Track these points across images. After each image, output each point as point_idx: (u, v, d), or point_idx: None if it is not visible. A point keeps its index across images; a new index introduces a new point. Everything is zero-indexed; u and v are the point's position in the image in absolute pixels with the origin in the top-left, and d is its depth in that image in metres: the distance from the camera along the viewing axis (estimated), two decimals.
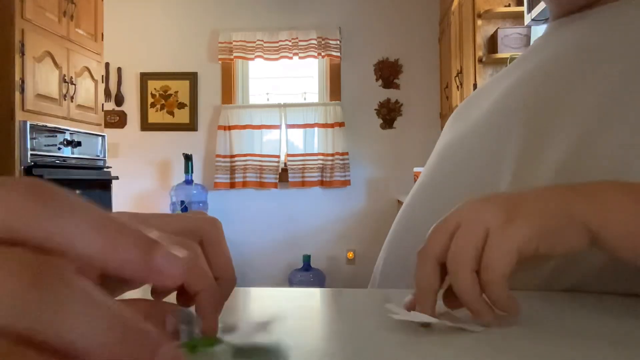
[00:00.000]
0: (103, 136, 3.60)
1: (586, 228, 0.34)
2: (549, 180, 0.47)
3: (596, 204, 0.35)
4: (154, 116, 4.45)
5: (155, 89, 4.44)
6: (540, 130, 0.50)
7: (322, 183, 4.29)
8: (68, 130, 3.18)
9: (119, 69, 4.47)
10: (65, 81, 3.22)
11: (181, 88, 4.43)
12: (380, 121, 4.35)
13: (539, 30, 2.72)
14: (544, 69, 0.56)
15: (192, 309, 0.31)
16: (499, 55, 2.92)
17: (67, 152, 3.16)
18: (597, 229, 0.34)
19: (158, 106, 4.45)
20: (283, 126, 4.35)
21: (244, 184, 4.31)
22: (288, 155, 4.34)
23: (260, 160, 4.32)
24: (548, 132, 0.49)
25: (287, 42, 4.28)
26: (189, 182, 4.13)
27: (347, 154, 4.27)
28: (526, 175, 0.49)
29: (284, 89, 4.55)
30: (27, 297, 0.13)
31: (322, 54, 4.27)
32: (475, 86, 3.10)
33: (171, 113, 4.45)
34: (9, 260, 0.14)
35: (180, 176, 4.25)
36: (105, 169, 3.57)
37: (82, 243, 0.16)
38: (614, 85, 0.48)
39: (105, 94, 4.17)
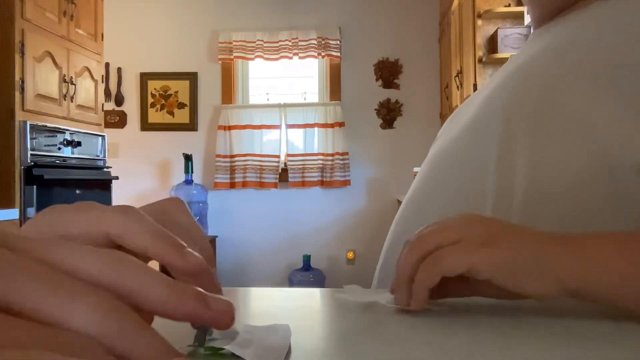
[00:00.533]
0: (103, 136, 3.60)
1: (558, 280, 0.35)
2: (523, 188, 0.48)
3: (576, 258, 0.36)
4: (154, 116, 4.46)
5: (155, 89, 4.45)
6: (513, 134, 0.51)
7: (322, 183, 4.29)
8: (68, 130, 3.18)
9: (119, 69, 4.47)
10: (65, 81, 3.22)
11: (181, 88, 4.44)
12: (380, 121, 4.36)
13: None
14: (521, 69, 0.57)
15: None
16: (499, 55, 2.92)
17: (67, 152, 3.16)
18: (576, 284, 0.35)
19: (158, 106, 4.45)
20: (283, 126, 4.36)
21: (244, 184, 4.31)
22: (288, 155, 4.34)
23: (260, 160, 4.32)
24: (519, 136, 0.50)
25: (287, 42, 4.28)
26: (189, 182, 4.13)
27: (347, 154, 4.27)
28: (505, 182, 0.50)
29: (284, 89, 4.56)
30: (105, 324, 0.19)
31: (322, 54, 4.27)
32: (475, 86, 3.10)
33: (171, 113, 4.45)
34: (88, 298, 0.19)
35: (180, 176, 4.25)
36: (105, 169, 3.57)
37: (139, 243, 0.24)
38: (586, 84, 0.48)
39: (105, 94, 4.17)
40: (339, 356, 0.31)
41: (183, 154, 4.19)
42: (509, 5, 3.02)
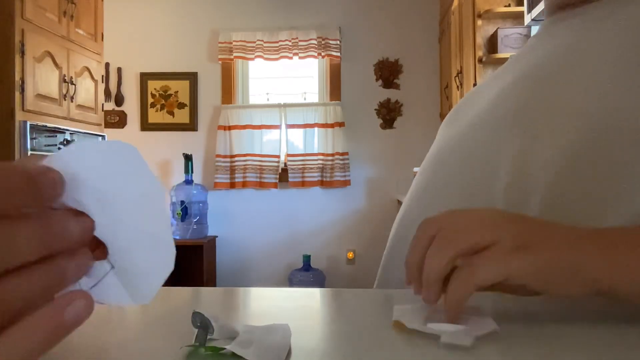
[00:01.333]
0: (103, 136, 3.60)
1: (593, 281, 0.34)
2: (543, 187, 0.46)
3: (610, 258, 0.34)
4: (154, 116, 4.45)
5: (155, 89, 4.44)
6: (531, 135, 0.50)
7: (322, 183, 4.29)
8: (68, 130, 3.18)
9: (119, 69, 4.47)
10: (65, 81, 3.22)
11: (181, 88, 4.43)
12: (380, 121, 4.36)
13: None
14: (534, 71, 0.55)
15: (208, 313, 0.31)
16: (499, 55, 2.92)
17: None
18: (609, 285, 0.34)
19: (158, 106, 4.45)
20: (283, 126, 4.35)
21: (244, 184, 4.31)
22: (288, 155, 4.34)
23: (260, 160, 4.32)
24: (539, 136, 0.49)
25: (287, 42, 4.28)
26: (189, 182, 4.13)
27: (347, 154, 4.27)
28: (522, 180, 0.48)
29: (284, 89, 4.56)
30: None
31: (322, 54, 4.27)
32: (475, 86, 3.10)
33: (171, 113, 4.45)
34: None
35: (180, 176, 4.25)
36: None
37: None
38: (605, 87, 0.47)
39: (105, 94, 4.17)
40: (338, 356, 0.31)
41: (183, 154, 4.19)
42: (509, 5, 3.02)
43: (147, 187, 0.24)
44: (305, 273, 4.15)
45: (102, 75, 3.75)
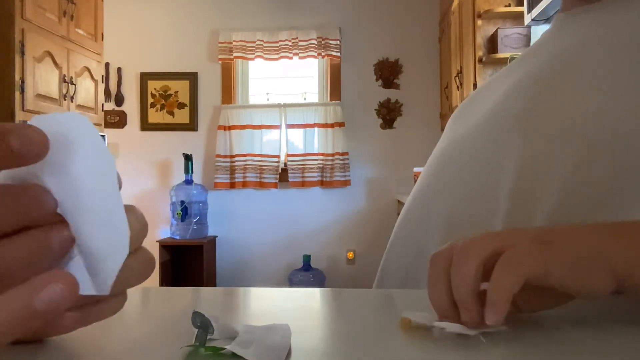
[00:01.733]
0: (103, 136, 3.60)
1: (615, 275, 0.32)
2: (550, 192, 0.46)
3: (628, 249, 0.33)
4: (154, 116, 4.45)
5: (155, 89, 4.45)
6: (536, 139, 0.49)
7: (322, 183, 4.29)
8: None
9: (119, 69, 4.47)
10: (65, 81, 3.22)
11: (181, 88, 4.44)
12: (380, 121, 4.36)
13: (539, 30, 2.72)
14: (543, 71, 0.54)
15: (208, 313, 0.31)
16: (499, 55, 2.92)
17: None
18: (626, 277, 0.32)
19: (158, 106, 4.45)
20: (283, 126, 4.36)
21: (244, 184, 4.31)
22: (288, 155, 4.34)
23: (260, 160, 4.32)
24: (544, 140, 0.48)
25: (287, 42, 4.28)
26: (189, 182, 4.13)
27: (347, 154, 4.27)
28: (526, 186, 0.48)
29: (284, 89, 4.56)
30: None
31: (322, 54, 4.27)
32: (475, 86, 3.10)
33: (171, 113, 4.45)
34: None
35: (180, 176, 4.25)
36: None
37: None
38: (611, 88, 0.47)
39: (105, 94, 4.17)
40: (339, 356, 0.31)
41: (183, 154, 4.19)
42: (509, 5, 3.02)
43: (100, 161, 0.22)
44: (305, 273, 4.15)
45: (102, 75, 3.75)
